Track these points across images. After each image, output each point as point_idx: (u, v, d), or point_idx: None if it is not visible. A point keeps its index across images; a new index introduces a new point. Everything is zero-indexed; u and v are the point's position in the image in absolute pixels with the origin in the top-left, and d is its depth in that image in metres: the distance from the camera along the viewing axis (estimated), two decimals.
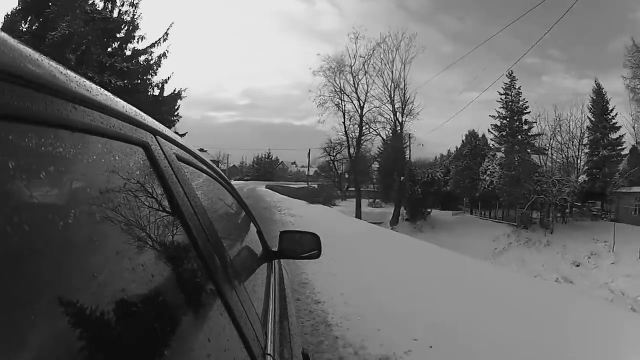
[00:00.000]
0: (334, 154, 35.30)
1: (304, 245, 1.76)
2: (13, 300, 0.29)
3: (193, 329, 0.57)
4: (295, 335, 1.39)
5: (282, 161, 72.78)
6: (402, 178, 29.65)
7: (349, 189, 36.37)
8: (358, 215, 27.54)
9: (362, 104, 31.06)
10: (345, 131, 31.71)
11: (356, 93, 31.13)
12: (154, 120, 0.68)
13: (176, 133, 1.02)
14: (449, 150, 34.65)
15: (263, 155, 72.55)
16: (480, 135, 30.18)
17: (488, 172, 27.30)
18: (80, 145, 0.41)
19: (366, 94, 30.97)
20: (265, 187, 35.63)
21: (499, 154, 27.50)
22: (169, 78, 14.80)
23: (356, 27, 53.93)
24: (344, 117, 31.26)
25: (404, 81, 30.55)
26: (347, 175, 36.46)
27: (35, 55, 0.38)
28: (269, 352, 0.85)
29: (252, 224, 1.68)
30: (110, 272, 0.41)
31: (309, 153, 38.37)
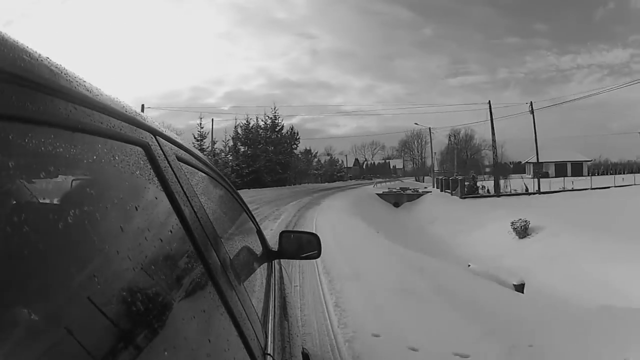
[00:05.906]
0: None
1: (304, 245, 1.75)
2: (13, 300, 0.29)
3: (193, 329, 0.57)
4: (295, 335, 1.39)
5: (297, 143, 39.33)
6: None
7: None
8: None
9: None
10: None
11: None
12: (154, 121, 0.68)
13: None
14: None
15: (262, 122, 32.55)
16: None
17: None
18: (80, 145, 0.41)
19: None
20: None
21: None
22: None
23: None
24: None
25: None
26: None
27: (36, 55, 0.37)
28: (269, 352, 0.85)
29: (252, 224, 1.68)
30: (110, 272, 0.41)
31: None
